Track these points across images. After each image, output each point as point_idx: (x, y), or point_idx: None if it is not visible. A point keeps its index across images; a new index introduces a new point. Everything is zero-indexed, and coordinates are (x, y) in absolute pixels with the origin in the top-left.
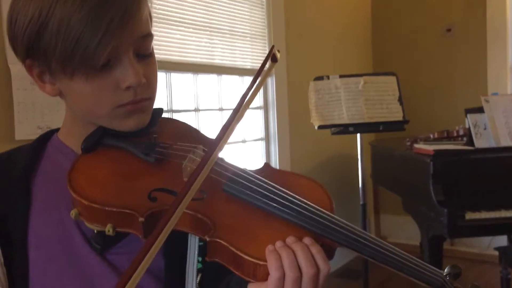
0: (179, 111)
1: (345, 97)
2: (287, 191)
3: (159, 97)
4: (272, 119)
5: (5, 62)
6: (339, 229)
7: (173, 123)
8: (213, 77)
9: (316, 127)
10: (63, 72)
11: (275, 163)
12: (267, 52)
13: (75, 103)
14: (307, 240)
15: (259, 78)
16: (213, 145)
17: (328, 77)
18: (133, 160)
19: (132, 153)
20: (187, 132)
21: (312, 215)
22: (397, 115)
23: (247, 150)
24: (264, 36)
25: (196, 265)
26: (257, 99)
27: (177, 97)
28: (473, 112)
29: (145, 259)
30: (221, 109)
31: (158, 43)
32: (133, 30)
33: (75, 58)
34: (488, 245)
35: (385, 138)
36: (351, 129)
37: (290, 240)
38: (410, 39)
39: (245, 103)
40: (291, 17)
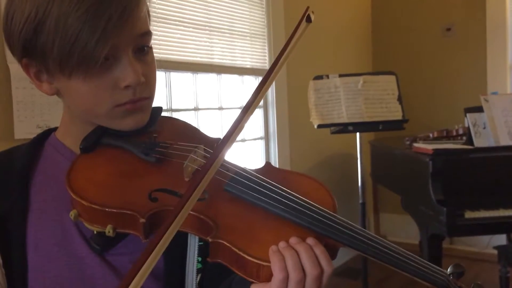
0: (178, 110)
1: (345, 96)
2: (289, 191)
3: (159, 96)
4: (271, 118)
5: (4, 61)
6: (343, 229)
7: (173, 122)
8: (213, 76)
9: (315, 126)
10: (60, 71)
11: (274, 162)
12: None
13: (73, 102)
14: (310, 240)
15: (294, 39)
16: (222, 144)
17: (327, 76)
18: (133, 160)
19: (132, 153)
20: (187, 131)
21: (315, 215)
22: (396, 114)
23: (246, 149)
24: (263, 35)
25: (196, 265)
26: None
27: (176, 96)
28: (473, 111)
29: (147, 262)
30: (220, 109)
31: (157, 42)
32: (131, 28)
33: (73, 57)
34: (487, 244)
35: (384, 137)
36: (350, 128)
37: (293, 240)
38: (409, 38)
39: (270, 78)
40: (291, 16)
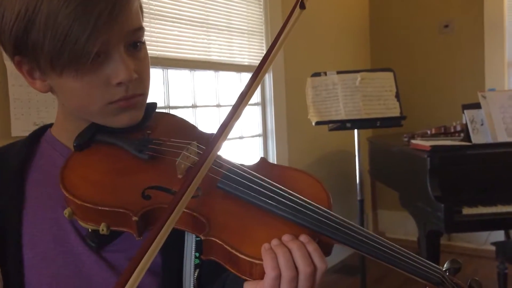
0: (176, 107)
1: (343, 93)
2: (283, 188)
3: (156, 93)
4: (269, 115)
5: (0, 58)
6: (336, 226)
7: (168, 118)
8: (210, 73)
9: (313, 123)
10: (52, 68)
11: (272, 160)
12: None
13: (66, 99)
14: (303, 238)
15: (288, 26)
16: (211, 143)
17: (325, 73)
18: (127, 157)
19: (125, 150)
20: (182, 127)
21: (308, 211)
22: (394, 111)
23: (244, 146)
24: (261, 32)
25: (193, 260)
26: (255, 95)
27: (174, 93)
28: (470, 108)
29: (144, 259)
30: (218, 106)
31: (155, 39)
32: (123, 24)
33: (63, 54)
34: (485, 240)
35: (382, 134)
36: (348, 125)
37: (286, 238)
38: (407, 35)
39: (262, 70)
40: (288, 13)
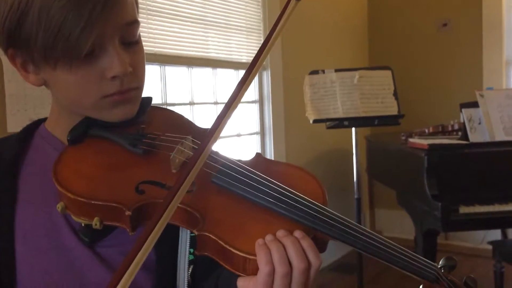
0: (173, 104)
1: (340, 91)
2: (278, 183)
3: (154, 90)
4: (267, 113)
5: None
6: (331, 222)
7: (163, 112)
8: (208, 70)
9: (311, 121)
10: (45, 62)
11: (270, 157)
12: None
13: (60, 93)
14: (297, 233)
15: (283, 19)
16: (206, 138)
17: (323, 71)
18: (121, 151)
19: (119, 145)
20: (176, 122)
21: (303, 207)
22: (392, 109)
23: (241, 144)
24: (259, 29)
25: (187, 256)
26: (252, 93)
27: (171, 90)
28: (468, 106)
29: (139, 255)
30: (216, 103)
31: (153, 36)
32: (117, 17)
33: (57, 48)
34: (482, 239)
35: (380, 132)
36: (346, 123)
37: (280, 233)
38: (406, 33)
39: (257, 64)
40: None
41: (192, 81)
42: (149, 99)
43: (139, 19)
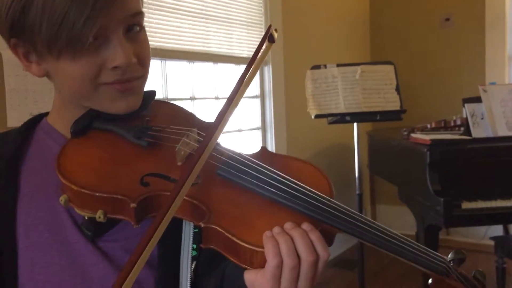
0: (174, 99)
1: (342, 86)
2: (284, 175)
3: (155, 85)
4: (268, 108)
5: None
6: (339, 214)
7: (166, 106)
8: (209, 65)
9: (312, 116)
10: (49, 52)
11: None
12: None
13: (62, 84)
14: (305, 225)
15: (256, 60)
16: (212, 129)
17: (325, 66)
18: (125, 144)
19: (123, 137)
20: (181, 115)
21: (310, 199)
22: (394, 104)
23: (243, 139)
24: (261, 24)
25: (191, 252)
26: (254, 88)
27: (172, 85)
28: (471, 101)
29: (146, 249)
30: (217, 98)
31: (154, 30)
32: (122, 8)
33: (60, 38)
34: (484, 235)
35: (382, 127)
36: (347, 118)
37: (288, 226)
38: (408, 28)
39: (241, 88)
40: (288, 5)
41: (193, 75)
42: (153, 93)
43: None
